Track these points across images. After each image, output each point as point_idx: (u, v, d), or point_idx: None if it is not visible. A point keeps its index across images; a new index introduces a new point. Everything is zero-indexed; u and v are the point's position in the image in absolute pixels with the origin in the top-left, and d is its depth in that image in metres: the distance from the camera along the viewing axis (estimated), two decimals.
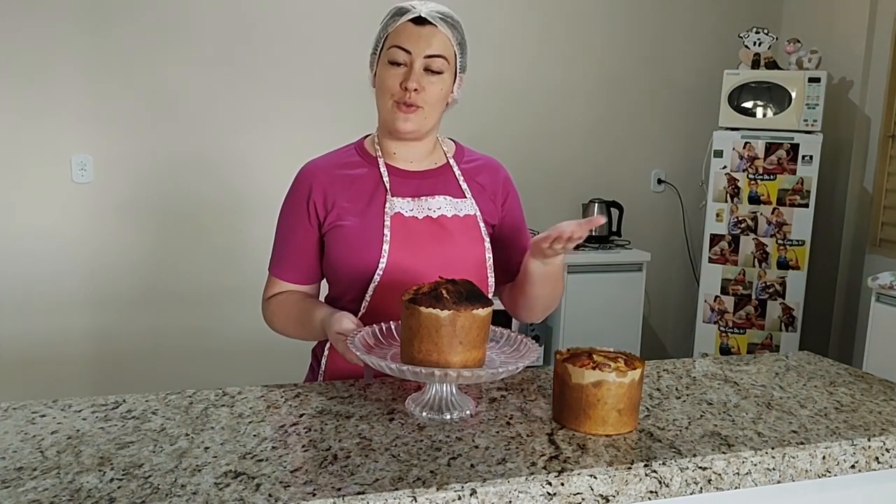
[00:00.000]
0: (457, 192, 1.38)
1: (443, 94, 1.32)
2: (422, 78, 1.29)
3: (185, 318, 3.24)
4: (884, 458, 1.04)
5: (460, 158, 1.44)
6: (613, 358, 1.05)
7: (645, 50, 3.86)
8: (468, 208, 1.37)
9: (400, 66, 1.29)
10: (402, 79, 1.29)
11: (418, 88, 1.28)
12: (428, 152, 1.40)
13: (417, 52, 1.28)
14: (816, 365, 1.40)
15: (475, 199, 1.39)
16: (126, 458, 0.91)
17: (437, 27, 1.29)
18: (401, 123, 1.31)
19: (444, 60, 1.30)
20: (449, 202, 1.36)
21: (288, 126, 3.29)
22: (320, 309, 1.30)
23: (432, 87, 1.30)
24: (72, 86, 2.98)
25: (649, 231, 3.95)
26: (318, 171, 1.38)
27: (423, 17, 1.29)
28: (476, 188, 1.41)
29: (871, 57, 3.58)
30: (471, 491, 0.85)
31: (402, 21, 1.30)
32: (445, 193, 1.37)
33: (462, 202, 1.37)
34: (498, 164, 1.48)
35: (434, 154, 1.42)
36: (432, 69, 1.29)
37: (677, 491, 0.93)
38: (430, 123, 1.34)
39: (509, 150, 3.55)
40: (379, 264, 1.29)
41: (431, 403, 1.07)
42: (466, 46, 1.36)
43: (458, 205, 1.36)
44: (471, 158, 1.46)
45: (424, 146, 1.39)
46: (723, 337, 3.61)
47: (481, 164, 1.46)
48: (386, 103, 1.32)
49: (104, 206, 3.09)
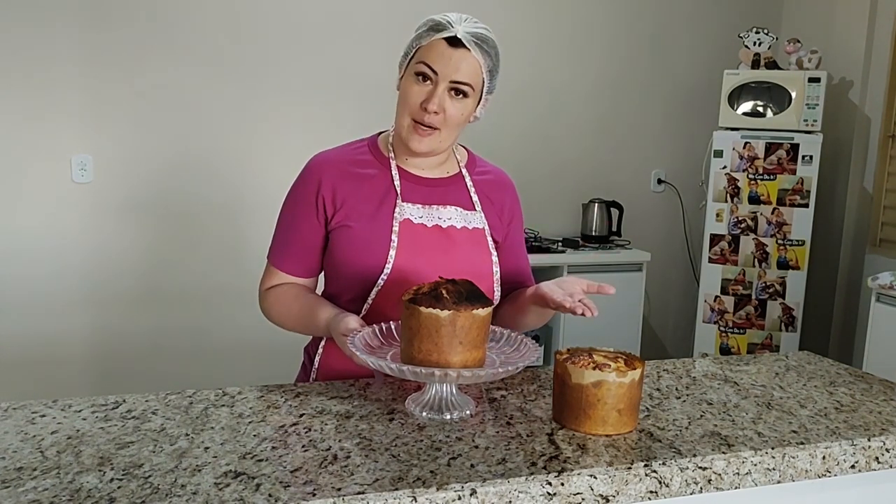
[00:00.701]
0: (467, 205, 1.38)
1: (463, 117, 1.31)
2: (444, 101, 1.27)
3: (185, 318, 3.24)
4: (884, 458, 1.04)
5: (472, 168, 1.43)
6: (613, 358, 1.05)
7: (645, 50, 3.86)
8: (477, 221, 1.37)
9: (425, 84, 1.27)
10: (424, 98, 1.27)
11: (438, 111, 1.27)
12: (441, 161, 1.40)
13: (444, 75, 1.26)
14: (816, 365, 1.40)
15: (485, 213, 1.39)
16: (126, 458, 0.91)
17: (470, 51, 1.26)
18: (415, 144, 1.30)
19: (470, 87, 1.28)
20: (459, 213, 1.35)
21: (288, 126, 3.29)
22: (326, 308, 1.29)
23: (453, 111, 1.28)
24: (72, 86, 2.98)
25: (649, 231, 3.95)
26: (330, 166, 1.36)
27: (457, 37, 1.25)
28: (486, 203, 1.41)
29: (871, 57, 3.58)
30: (471, 491, 0.84)
31: (436, 38, 1.26)
32: (456, 204, 1.36)
33: (472, 214, 1.37)
34: (508, 181, 1.48)
35: (447, 163, 1.41)
36: (457, 92, 1.27)
37: (677, 491, 0.93)
38: (445, 145, 1.33)
39: (509, 150, 3.55)
40: (384, 269, 1.28)
41: (431, 403, 1.07)
42: (498, 71, 1.32)
43: (468, 217, 1.36)
44: (483, 170, 1.45)
45: (438, 157, 1.38)
46: (723, 337, 3.61)
47: (493, 178, 1.45)
48: (404, 118, 1.30)
49: (104, 205, 3.09)
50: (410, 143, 1.31)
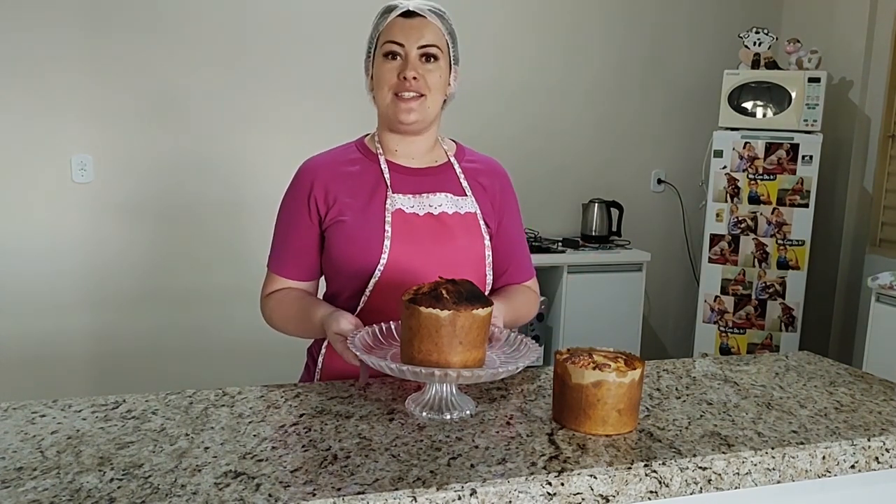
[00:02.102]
0: (458, 190, 1.39)
1: (441, 81, 1.34)
2: (419, 66, 1.31)
3: (185, 318, 3.24)
4: (884, 458, 1.04)
5: (461, 157, 1.44)
6: (613, 358, 1.05)
7: (645, 50, 3.85)
8: (469, 206, 1.37)
9: (396, 59, 1.32)
10: (399, 70, 1.31)
11: (416, 76, 1.30)
12: (429, 149, 1.41)
13: (411, 44, 1.31)
14: (816, 365, 1.40)
15: (476, 198, 1.39)
16: (126, 458, 0.91)
17: (427, 18, 1.32)
18: (403, 115, 1.32)
19: (438, 49, 1.33)
20: (450, 199, 1.36)
21: (288, 126, 3.29)
22: (321, 308, 1.30)
23: (430, 75, 1.32)
24: (72, 86, 2.98)
25: (649, 231, 3.95)
26: (320, 168, 1.38)
27: (411, 10, 1.32)
28: (477, 188, 1.41)
29: (871, 57, 3.58)
30: (471, 491, 0.84)
31: (392, 17, 1.33)
32: (446, 191, 1.37)
33: (463, 200, 1.38)
34: (499, 167, 1.48)
35: (435, 152, 1.42)
36: (428, 57, 1.32)
37: (677, 491, 0.93)
38: (432, 113, 1.35)
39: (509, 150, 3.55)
40: (380, 260, 1.29)
41: (431, 403, 1.07)
42: (457, 38, 1.38)
43: (459, 202, 1.37)
44: (472, 158, 1.46)
45: (425, 142, 1.39)
46: (723, 337, 3.61)
47: (483, 165, 1.46)
48: (385, 97, 1.33)
49: (104, 205, 3.09)
50: (399, 115, 1.32)
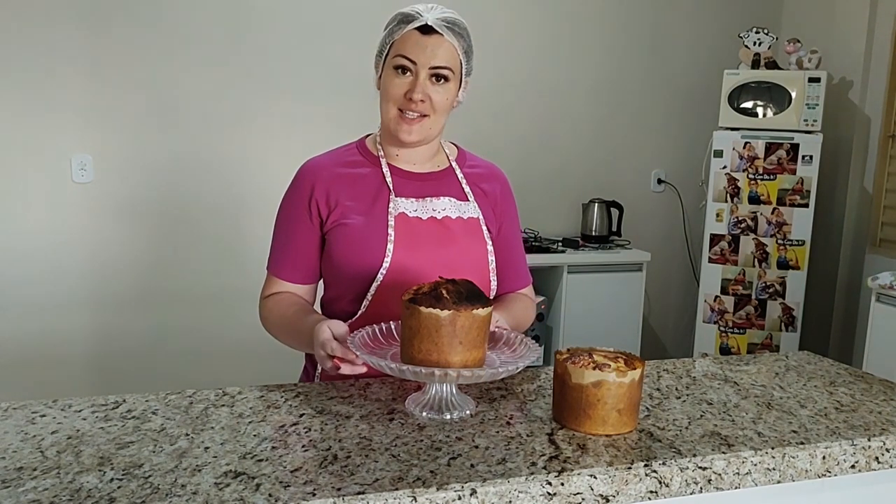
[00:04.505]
0: (460, 195, 1.38)
1: (448, 102, 1.32)
2: (427, 87, 1.28)
3: (185, 318, 3.24)
4: (884, 458, 1.04)
5: (462, 163, 1.44)
6: (613, 358, 1.05)
7: (645, 50, 3.85)
8: (471, 211, 1.37)
9: (405, 75, 1.29)
10: (406, 88, 1.28)
11: (424, 99, 1.28)
12: (431, 155, 1.40)
13: (423, 63, 1.27)
14: (816, 365, 1.40)
15: (478, 204, 1.39)
16: (126, 458, 0.91)
17: (444, 36, 1.28)
18: (405, 135, 1.31)
19: (450, 70, 1.29)
20: (453, 204, 1.36)
21: (288, 126, 3.29)
22: (313, 315, 1.28)
23: (437, 97, 1.29)
24: (72, 86, 2.98)
25: (649, 231, 3.95)
26: (321, 170, 1.37)
27: (428, 25, 1.27)
28: (479, 193, 1.41)
29: (871, 57, 3.57)
30: (471, 491, 0.84)
31: (408, 29, 1.28)
32: (449, 195, 1.37)
33: (465, 205, 1.37)
34: (500, 173, 1.48)
35: (437, 157, 1.42)
36: (438, 77, 1.29)
37: (677, 491, 0.93)
38: (434, 133, 1.34)
39: (509, 150, 3.56)
40: (383, 264, 1.28)
41: (431, 403, 1.07)
42: (472, 52, 1.34)
43: (462, 207, 1.37)
44: (473, 164, 1.45)
45: (428, 150, 1.39)
46: (723, 337, 3.61)
47: (484, 170, 1.46)
48: (389, 111, 1.31)
49: (104, 205, 3.09)
50: (400, 135, 1.31)
